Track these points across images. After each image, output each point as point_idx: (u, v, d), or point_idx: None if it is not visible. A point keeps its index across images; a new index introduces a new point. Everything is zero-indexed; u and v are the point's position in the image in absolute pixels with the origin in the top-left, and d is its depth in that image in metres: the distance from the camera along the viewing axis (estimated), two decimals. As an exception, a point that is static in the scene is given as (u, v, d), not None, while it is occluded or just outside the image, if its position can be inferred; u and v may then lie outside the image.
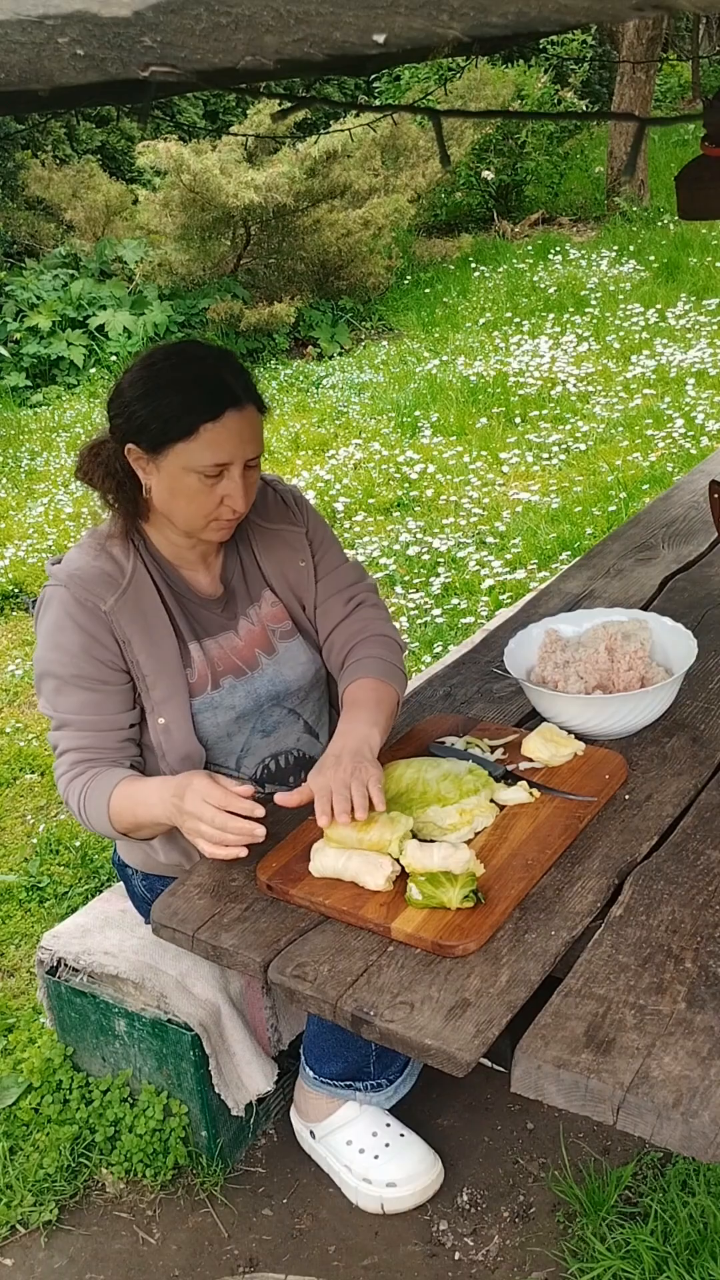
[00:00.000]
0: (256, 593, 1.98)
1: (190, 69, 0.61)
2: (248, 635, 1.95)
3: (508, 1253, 1.94)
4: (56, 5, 0.56)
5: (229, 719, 1.91)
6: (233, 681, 1.92)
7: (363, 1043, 1.85)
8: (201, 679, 1.89)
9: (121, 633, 1.81)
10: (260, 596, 1.98)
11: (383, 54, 0.60)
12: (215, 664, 1.91)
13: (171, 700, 1.84)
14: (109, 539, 1.87)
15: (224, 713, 1.91)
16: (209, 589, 1.93)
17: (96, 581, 1.81)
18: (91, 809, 1.77)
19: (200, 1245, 2.01)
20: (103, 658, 1.80)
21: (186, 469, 1.74)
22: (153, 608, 1.84)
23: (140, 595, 1.83)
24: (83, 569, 1.82)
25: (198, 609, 1.92)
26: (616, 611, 2.13)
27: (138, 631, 1.81)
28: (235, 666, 1.92)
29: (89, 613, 1.79)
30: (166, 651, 1.84)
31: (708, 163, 1.95)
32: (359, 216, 8.25)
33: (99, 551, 1.85)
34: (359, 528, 5.03)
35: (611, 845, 1.68)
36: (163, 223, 8.00)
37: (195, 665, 1.89)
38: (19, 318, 7.95)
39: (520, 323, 7.88)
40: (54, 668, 1.81)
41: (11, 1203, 2.08)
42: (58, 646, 1.80)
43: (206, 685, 1.89)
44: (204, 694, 1.89)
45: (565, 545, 4.52)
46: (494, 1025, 1.38)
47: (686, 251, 8.92)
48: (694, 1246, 1.87)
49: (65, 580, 1.81)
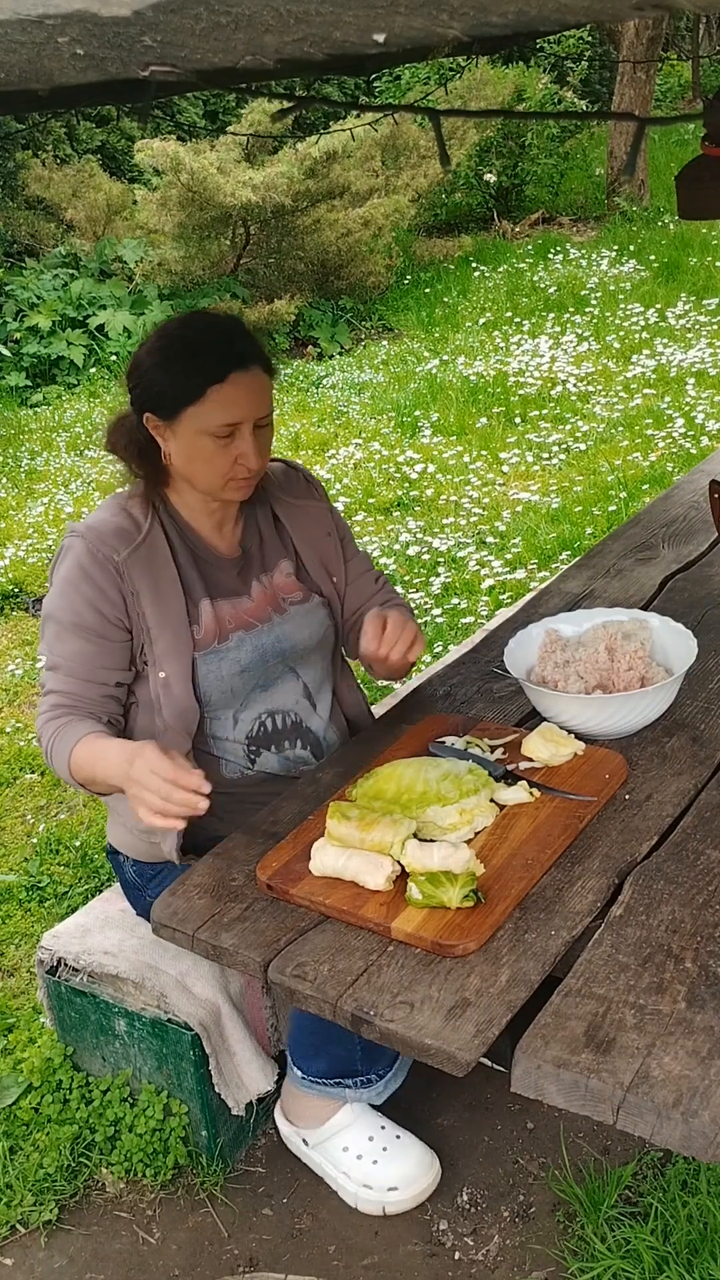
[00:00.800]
0: (272, 562, 2.05)
1: (190, 69, 0.61)
2: (259, 597, 2.02)
3: (508, 1252, 1.94)
4: (56, 5, 0.56)
5: (233, 672, 1.96)
6: (241, 635, 1.98)
7: (348, 1036, 1.85)
8: (209, 634, 1.95)
9: (131, 584, 1.88)
10: (275, 566, 2.05)
11: (383, 54, 0.60)
12: (225, 621, 1.97)
13: (173, 654, 1.90)
14: (129, 499, 1.95)
15: (229, 665, 1.96)
16: (227, 551, 2.01)
17: (112, 534, 1.89)
18: (57, 753, 1.84)
19: (200, 1245, 2.01)
20: (106, 611, 1.87)
21: (199, 432, 1.82)
22: (164, 563, 1.91)
23: (153, 551, 1.91)
24: (101, 523, 1.91)
25: (213, 570, 1.99)
26: (616, 611, 2.13)
27: (147, 586, 1.89)
28: (246, 622, 1.99)
29: (100, 564, 1.87)
30: (173, 606, 1.91)
31: (708, 163, 1.95)
32: (359, 216, 8.25)
33: (118, 510, 1.93)
34: (359, 528, 5.03)
35: (611, 845, 1.68)
36: (161, 221, 7.99)
37: (203, 621, 1.95)
38: (19, 317, 7.95)
39: (520, 323, 7.88)
40: (58, 613, 1.89)
41: (11, 1202, 2.08)
42: (65, 594, 1.88)
43: (213, 639, 1.95)
44: (210, 646, 1.95)
45: (565, 545, 4.52)
46: (494, 1025, 1.38)
47: (686, 251, 8.92)
48: (694, 1246, 1.87)
49: (83, 532, 1.90)
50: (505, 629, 2.30)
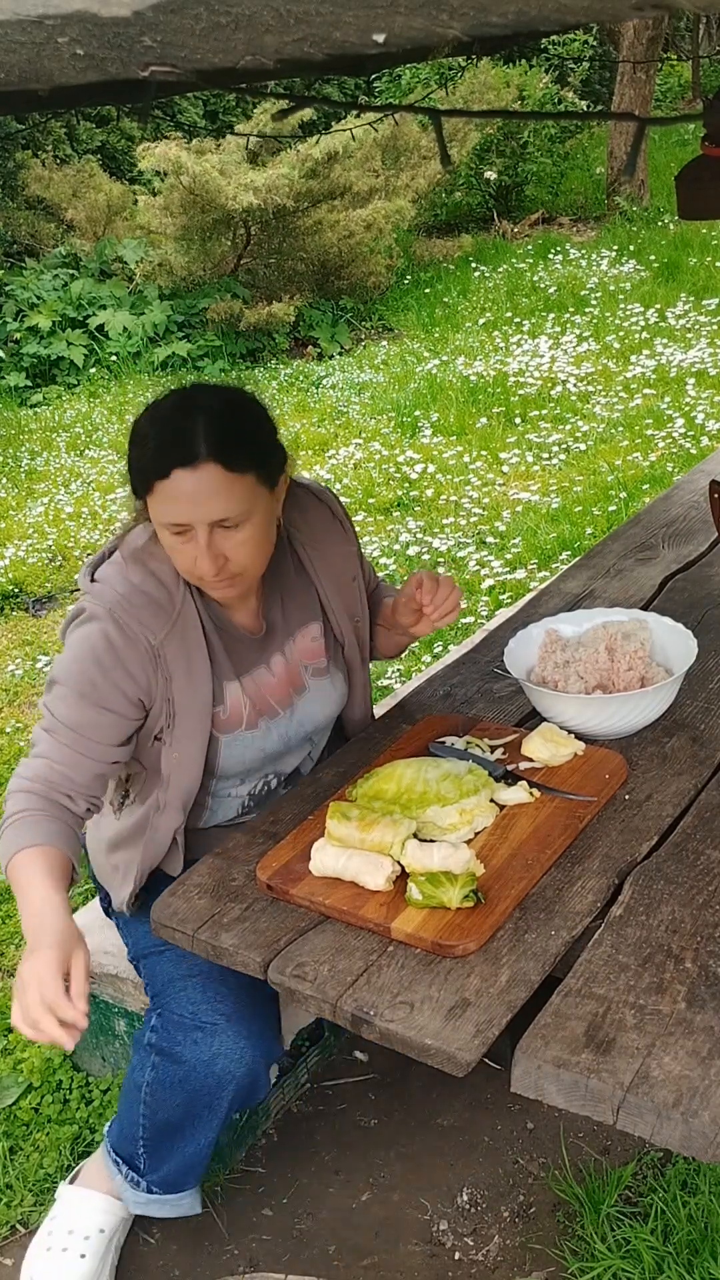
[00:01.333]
0: (295, 627, 1.91)
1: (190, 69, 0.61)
2: (280, 671, 1.89)
3: (508, 1252, 1.94)
4: (56, 5, 0.55)
5: (257, 757, 1.89)
6: (268, 724, 1.88)
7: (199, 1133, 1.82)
8: (235, 717, 1.84)
9: (166, 669, 1.74)
10: (299, 631, 1.91)
11: (383, 54, 0.60)
12: (256, 704, 1.86)
13: (193, 737, 1.79)
14: (150, 554, 1.75)
15: (254, 752, 1.88)
16: (251, 626, 1.86)
17: (145, 609, 1.72)
18: (5, 840, 1.69)
19: (200, 1245, 2.01)
20: (129, 691, 1.73)
21: (159, 523, 1.67)
22: (196, 644, 1.76)
23: (187, 628, 1.75)
24: (131, 594, 1.73)
25: (239, 646, 1.85)
26: (616, 611, 2.13)
27: (181, 669, 1.75)
28: (270, 707, 1.88)
29: (132, 643, 1.71)
30: (202, 691, 1.77)
31: (708, 163, 1.95)
32: (359, 217, 8.25)
33: (145, 574, 1.74)
34: (359, 528, 5.03)
35: (611, 845, 1.68)
36: (163, 224, 8.00)
37: (229, 702, 1.83)
38: (19, 318, 7.95)
39: (520, 323, 7.88)
40: (71, 680, 1.73)
41: (11, 1203, 2.08)
42: (83, 663, 1.72)
43: (240, 724, 1.85)
44: (236, 731, 1.85)
45: (565, 545, 4.52)
46: (494, 1025, 1.38)
47: (686, 251, 8.92)
48: (694, 1246, 1.87)
49: (113, 603, 1.72)
50: (505, 629, 2.30)
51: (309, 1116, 2.24)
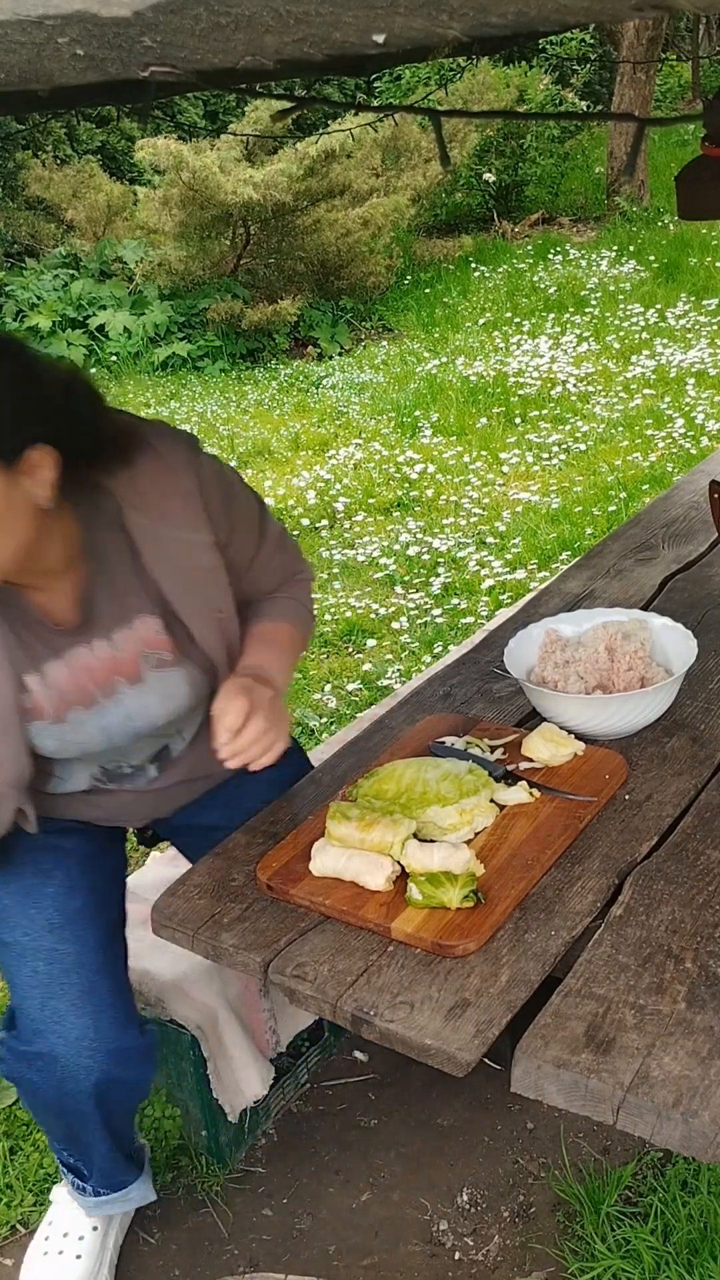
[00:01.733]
0: (129, 615, 1.62)
1: (190, 69, 0.61)
2: (105, 658, 1.62)
3: (508, 1252, 1.94)
4: (56, 5, 0.56)
5: (74, 753, 1.69)
6: (80, 714, 1.62)
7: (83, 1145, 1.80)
8: (36, 709, 1.61)
9: None
10: (134, 620, 1.62)
11: (383, 54, 0.60)
12: (64, 693, 1.61)
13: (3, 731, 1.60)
14: None
15: (70, 747, 1.66)
16: (62, 615, 1.59)
17: None
18: None
19: (200, 1245, 2.01)
20: None
21: None
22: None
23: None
24: None
25: (47, 635, 1.59)
26: (616, 611, 2.13)
27: None
28: (87, 694, 1.62)
29: None
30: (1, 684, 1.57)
31: (708, 163, 1.95)
32: (359, 216, 8.25)
33: None
34: (359, 528, 5.03)
35: (611, 845, 1.68)
36: (162, 220, 8.00)
37: (33, 693, 1.60)
38: (19, 318, 7.95)
39: (520, 323, 7.88)
40: None
41: (11, 1203, 2.08)
42: None
43: (44, 717, 1.62)
44: (38, 723, 1.62)
45: (565, 545, 4.52)
46: (494, 1025, 1.38)
47: (686, 251, 8.92)
48: (694, 1246, 1.87)
49: None
50: (505, 629, 2.30)
51: (309, 1116, 2.24)
